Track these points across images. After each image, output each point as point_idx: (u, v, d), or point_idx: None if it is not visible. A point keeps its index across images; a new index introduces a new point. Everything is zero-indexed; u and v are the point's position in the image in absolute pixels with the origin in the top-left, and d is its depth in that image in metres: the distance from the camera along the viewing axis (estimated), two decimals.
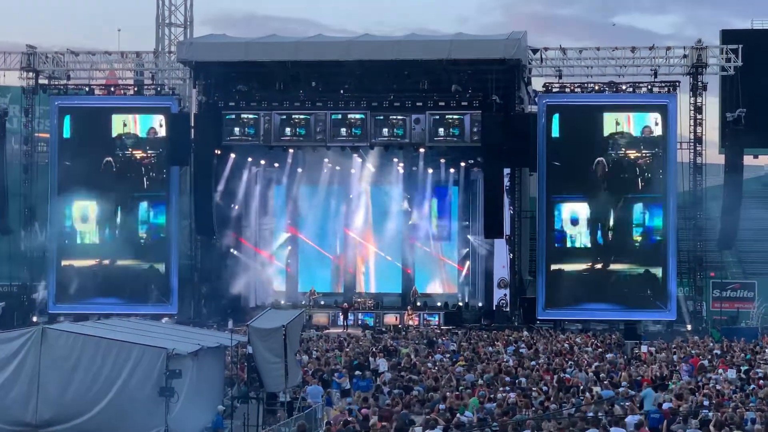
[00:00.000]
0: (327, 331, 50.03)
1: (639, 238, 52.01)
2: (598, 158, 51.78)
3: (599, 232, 52.05)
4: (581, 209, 52.19)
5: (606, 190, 51.83)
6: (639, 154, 51.85)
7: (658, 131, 51.62)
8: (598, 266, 51.83)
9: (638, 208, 51.97)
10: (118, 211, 54.31)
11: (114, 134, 54.29)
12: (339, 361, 36.43)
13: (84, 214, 54.77)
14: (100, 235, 54.69)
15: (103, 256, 54.34)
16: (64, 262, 54.39)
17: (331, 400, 29.52)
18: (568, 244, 52.32)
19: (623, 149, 51.88)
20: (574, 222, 52.18)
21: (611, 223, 51.92)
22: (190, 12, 66.07)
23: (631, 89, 52.34)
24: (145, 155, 54.34)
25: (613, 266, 51.78)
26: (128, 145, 54.38)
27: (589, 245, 52.13)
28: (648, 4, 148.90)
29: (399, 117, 51.88)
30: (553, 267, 51.78)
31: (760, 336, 48.06)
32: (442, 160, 55.21)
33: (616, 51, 53.44)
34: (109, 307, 51.74)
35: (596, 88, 52.68)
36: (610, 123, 51.90)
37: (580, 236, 52.21)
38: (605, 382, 29.69)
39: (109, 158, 54.13)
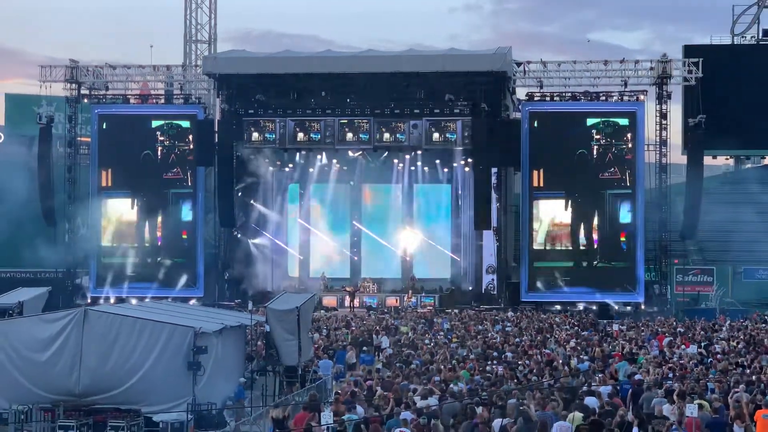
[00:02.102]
0: (335, 311, 49.99)
1: (614, 231, 51.82)
2: (580, 150, 51.66)
3: (581, 228, 51.85)
4: (560, 205, 52.16)
5: (584, 186, 51.74)
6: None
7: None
8: (581, 261, 51.81)
9: (614, 203, 51.88)
10: (152, 204, 54.39)
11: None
12: (346, 338, 36.44)
13: (120, 208, 54.81)
14: (136, 227, 54.65)
15: (137, 245, 54.39)
16: (103, 251, 54.47)
17: (339, 374, 29.51)
18: (548, 245, 52.17)
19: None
20: (554, 218, 52.19)
21: (590, 218, 51.83)
22: (214, 30, 66.05)
23: (604, 98, 52.25)
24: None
25: (591, 259, 51.79)
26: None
27: (569, 243, 52.00)
28: (619, 22, 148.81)
29: (399, 123, 51.90)
30: (537, 264, 51.77)
31: (717, 316, 48.12)
32: (437, 161, 55.08)
33: (590, 64, 53.36)
34: (143, 291, 51.85)
35: (573, 96, 52.62)
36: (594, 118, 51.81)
37: (561, 235, 52.12)
38: (581, 357, 29.66)
39: (148, 151, 54.12)
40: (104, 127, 54.52)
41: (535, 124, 51.97)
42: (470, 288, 55.21)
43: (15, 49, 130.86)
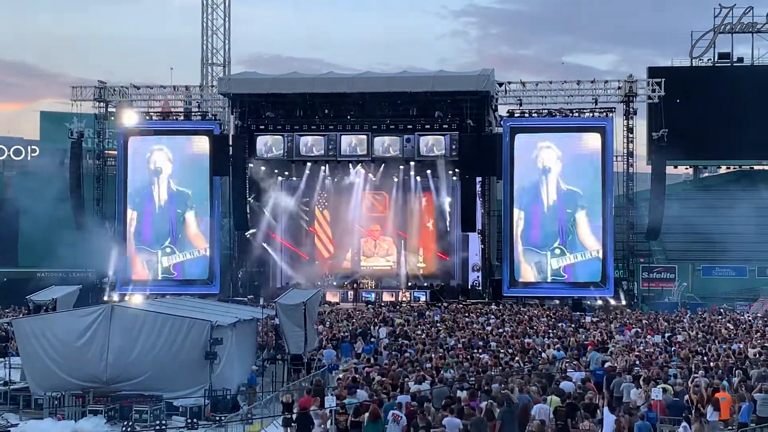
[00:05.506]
0: (338, 305, 49.88)
1: (581, 232, 51.63)
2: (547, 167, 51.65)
3: (557, 231, 51.59)
4: (538, 210, 52.05)
5: (556, 195, 51.61)
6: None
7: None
8: (554, 258, 51.57)
9: (583, 208, 51.69)
10: (174, 211, 54.25)
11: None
12: (348, 329, 36.31)
13: (144, 213, 54.56)
14: (156, 229, 54.42)
15: (159, 246, 54.15)
16: (129, 253, 54.25)
17: (338, 365, 29.37)
18: (525, 246, 51.83)
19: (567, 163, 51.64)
20: (533, 222, 52.09)
21: (563, 222, 51.68)
22: (228, 54, 65.83)
23: (577, 114, 52.17)
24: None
25: (564, 257, 51.56)
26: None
27: (545, 241, 51.75)
28: (590, 46, 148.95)
29: (394, 137, 51.85)
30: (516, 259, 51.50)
31: (679, 309, 48.11)
32: (428, 171, 54.96)
33: (565, 84, 53.26)
34: (164, 288, 51.61)
35: (549, 113, 52.55)
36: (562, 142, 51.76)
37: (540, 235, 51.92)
38: (557, 346, 29.60)
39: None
40: (129, 141, 54.38)
41: (515, 138, 51.74)
42: (458, 284, 55.11)
43: (49, 72, 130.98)
